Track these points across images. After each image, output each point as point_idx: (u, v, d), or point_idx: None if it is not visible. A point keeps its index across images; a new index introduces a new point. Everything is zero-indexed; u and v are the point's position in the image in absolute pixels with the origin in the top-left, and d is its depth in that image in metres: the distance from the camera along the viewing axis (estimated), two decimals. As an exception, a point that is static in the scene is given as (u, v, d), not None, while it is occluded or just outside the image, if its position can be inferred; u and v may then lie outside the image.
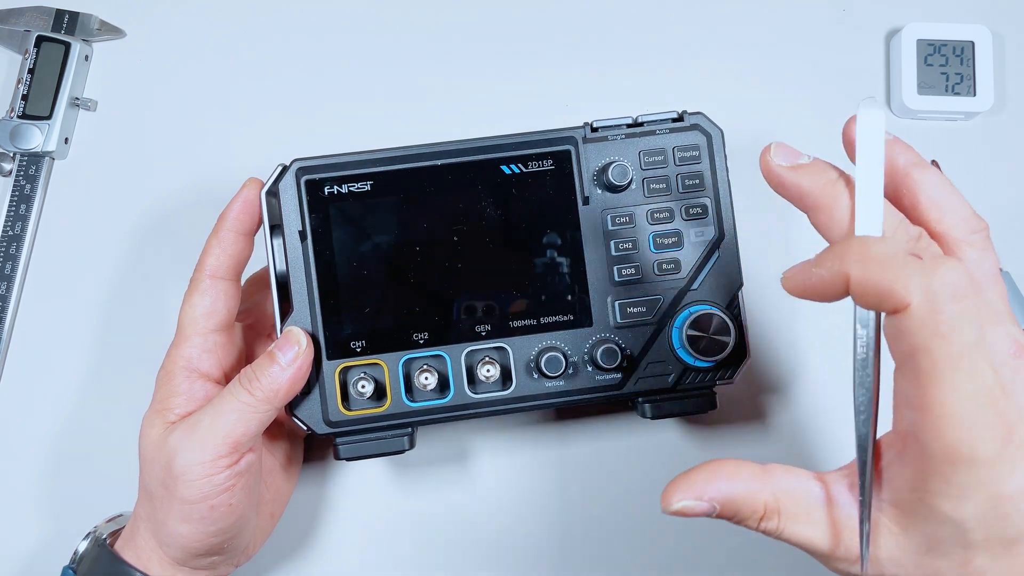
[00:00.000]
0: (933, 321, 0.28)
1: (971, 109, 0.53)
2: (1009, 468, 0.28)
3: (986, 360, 0.28)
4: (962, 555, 0.30)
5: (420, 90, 0.55)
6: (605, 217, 0.43)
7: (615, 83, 0.55)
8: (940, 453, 0.28)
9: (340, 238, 0.42)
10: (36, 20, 0.54)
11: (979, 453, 0.28)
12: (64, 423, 0.52)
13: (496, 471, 0.51)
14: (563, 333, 0.43)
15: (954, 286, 0.28)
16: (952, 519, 0.29)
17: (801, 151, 0.34)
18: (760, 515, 0.32)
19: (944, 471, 0.29)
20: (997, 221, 0.53)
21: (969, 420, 0.28)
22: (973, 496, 0.29)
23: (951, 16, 0.55)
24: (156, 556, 0.41)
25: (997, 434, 0.28)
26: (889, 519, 0.31)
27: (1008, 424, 0.28)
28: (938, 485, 0.29)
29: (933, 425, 0.28)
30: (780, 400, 0.51)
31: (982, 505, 0.29)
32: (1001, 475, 0.28)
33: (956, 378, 0.28)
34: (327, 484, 0.51)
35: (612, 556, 0.50)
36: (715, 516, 0.33)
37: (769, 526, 0.32)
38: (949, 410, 0.28)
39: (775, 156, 0.34)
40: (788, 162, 0.33)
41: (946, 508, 0.29)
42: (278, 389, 0.39)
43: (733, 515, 0.33)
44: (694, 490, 0.33)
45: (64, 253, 0.53)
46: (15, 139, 0.53)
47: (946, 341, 0.28)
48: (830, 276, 0.30)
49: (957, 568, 0.30)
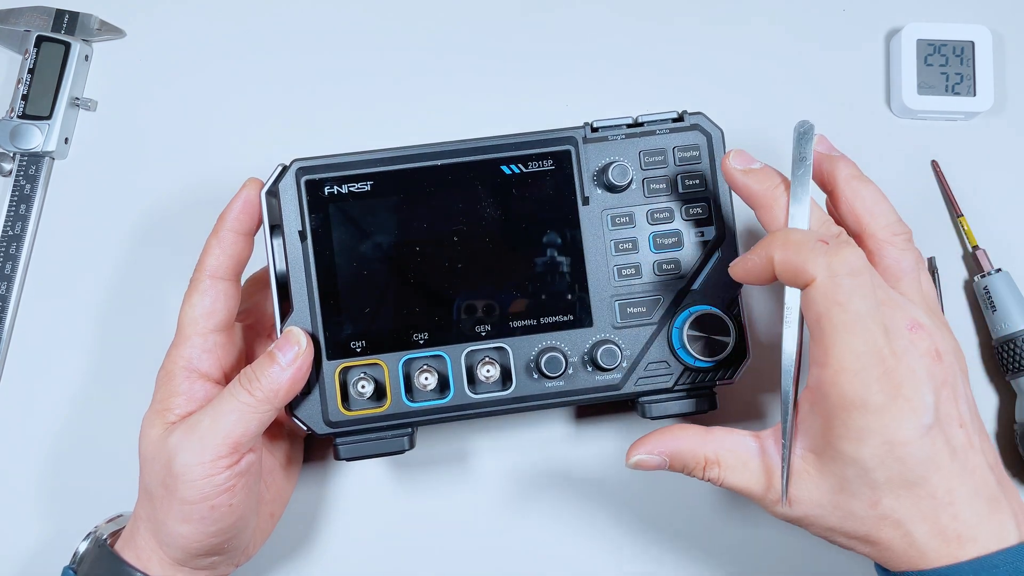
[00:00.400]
0: (832, 292, 0.34)
1: (971, 109, 0.53)
2: (898, 417, 0.34)
3: (878, 326, 0.34)
4: (870, 495, 0.35)
5: (420, 90, 0.55)
6: (605, 217, 0.43)
7: (615, 83, 0.55)
8: (838, 401, 0.34)
9: (340, 238, 0.42)
10: (36, 20, 0.54)
11: (869, 401, 0.34)
12: (64, 423, 0.52)
13: (496, 471, 0.51)
14: (563, 333, 0.43)
15: (851, 265, 0.34)
16: (854, 459, 0.35)
17: (755, 158, 0.40)
18: (703, 466, 0.39)
19: (842, 416, 0.34)
20: (997, 221, 0.53)
21: (859, 373, 0.34)
22: (869, 439, 0.34)
23: (951, 16, 0.55)
24: (156, 556, 0.41)
25: (885, 387, 0.34)
26: (807, 464, 0.37)
27: (896, 382, 0.34)
28: (839, 429, 0.35)
29: (831, 378, 0.34)
30: (780, 400, 0.51)
31: (878, 448, 0.34)
32: (892, 423, 0.34)
33: (849, 339, 0.34)
34: (327, 484, 0.51)
35: (612, 556, 0.50)
36: (667, 468, 0.40)
37: (712, 474, 0.39)
38: (843, 365, 0.34)
39: (733, 160, 0.40)
40: (742, 166, 0.40)
41: (848, 450, 0.35)
42: (278, 389, 0.39)
43: (682, 467, 0.39)
44: (647, 447, 0.40)
45: (64, 253, 0.53)
46: (15, 139, 0.53)
47: (842, 308, 0.34)
48: (760, 260, 0.37)
49: (867, 507, 0.36)
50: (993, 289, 0.50)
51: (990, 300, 0.50)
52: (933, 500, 0.35)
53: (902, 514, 0.35)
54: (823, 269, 0.34)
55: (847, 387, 0.34)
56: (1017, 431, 0.50)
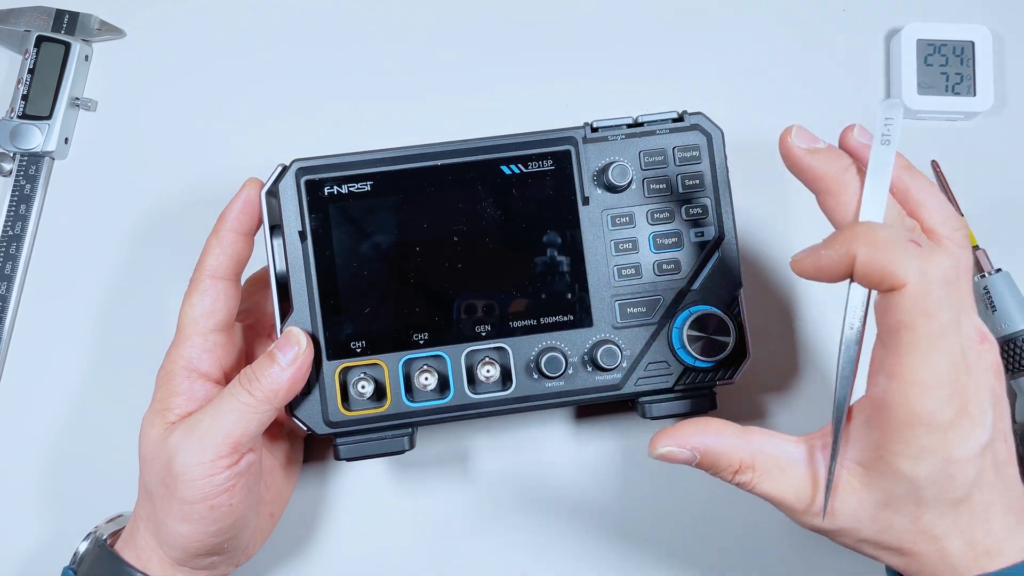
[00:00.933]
0: (923, 301, 0.31)
1: (971, 109, 0.53)
2: (961, 436, 0.32)
3: (958, 341, 0.32)
4: (914, 511, 0.34)
5: (420, 90, 0.55)
6: (605, 217, 0.43)
7: (615, 83, 0.55)
8: (905, 417, 0.32)
9: (340, 238, 0.42)
10: (36, 20, 0.54)
11: (938, 419, 0.32)
12: (64, 423, 0.52)
13: (496, 471, 0.51)
14: (563, 333, 0.43)
15: (945, 273, 0.31)
16: (908, 477, 0.33)
17: (819, 137, 0.36)
18: (735, 469, 0.36)
19: (906, 433, 0.32)
20: (997, 221, 0.53)
21: (935, 390, 0.32)
22: (928, 458, 0.33)
23: (951, 16, 0.55)
24: (156, 556, 0.41)
25: (955, 405, 0.32)
26: (853, 476, 0.35)
27: (964, 398, 0.32)
28: (899, 446, 0.33)
29: (904, 391, 0.32)
30: (780, 400, 0.52)
31: (935, 467, 0.33)
32: (953, 441, 0.32)
33: (932, 353, 0.32)
34: (327, 484, 0.51)
35: (612, 555, 0.50)
36: (694, 465, 0.37)
37: (743, 479, 0.36)
38: (920, 379, 0.32)
39: (795, 138, 0.36)
40: (806, 145, 0.36)
41: (904, 467, 0.33)
42: (278, 389, 0.39)
43: (711, 466, 0.36)
44: (678, 439, 0.36)
45: (64, 253, 0.53)
46: (15, 139, 0.53)
47: (930, 320, 0.31)
48: (838, 256, 0.33)
49: (909, 523, 0.34)
50: (993, 289, 0.50)
51: (990, 300, 0.50)
52: (971, 516, 0.34)
53: (941, 529, 0.34)
54: (916, 274, 0.31)
55: (917, 403, 0.32)
56: (1017, 431, 0.50)
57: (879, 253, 0.32)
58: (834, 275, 0.33)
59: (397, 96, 0.55)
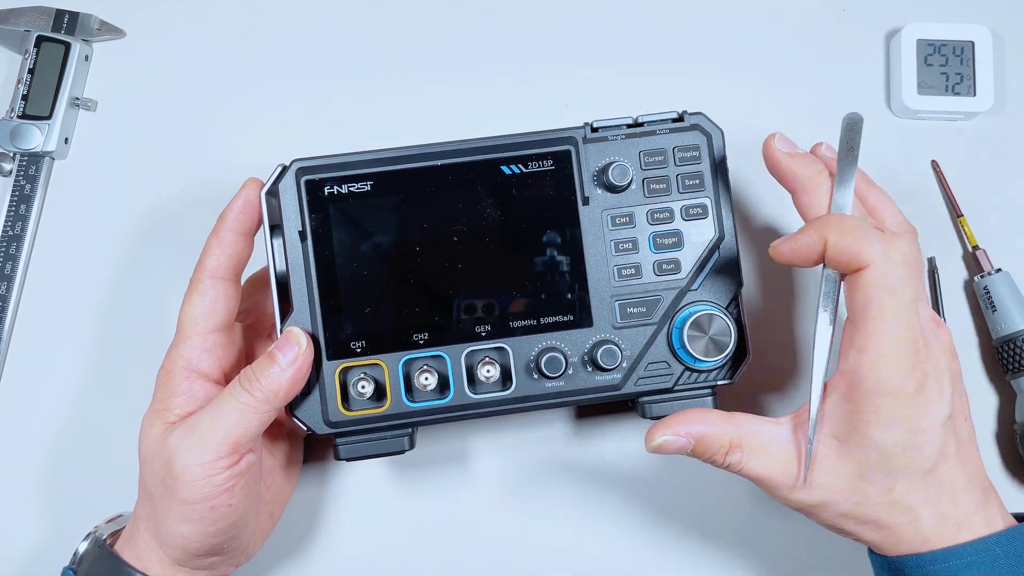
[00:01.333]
0: (886, 278, 0.35)
1: (971, 109, 0.53)
2: (924, 406, 0.36)
3: (917, 320, 0.36)
4: (886, 481, 0.37)
5: (420, 90, 0.55)
6: (605, 217, 0.43)
7: (615, 83, 0.55)
8: (873, 386, 0.36)
9: (340, 238, 0.42)
10: (36, 20, 0.54)
11: (903, 389, 0.36)
12: (64, 423, 0.52)
13: (496, 471, 0.51)
14: (563, 333, 0.43)
15: (905, 255, 0.36)
16: (879, 445, 0.36)
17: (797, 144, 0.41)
18: (725, 450, 0.39)
19: (875, 402, 0.36)
20: (997, 221, 0.53)
21: (899, 361, 0.36)
22: (895, 426, 0.36)
23: (951, 16, 0.55)
24: (156, 556, 0.41)
25: (916, 376, 0.36)
26: (829, 449, 0.38)
27: (925, 371, 0.36)
28: (870, 415, 0.36)
29: (872, 363, 0.36)
30: (780, 400, 0.52)
31: (902, 434, 0.36)
32: (918, 410, 0.36)
33: (895, 326, 0.36)
34: (327, 484, 0.51)
35: (612, 555, 0.50)
36: (689, 453, 0.39)
37: (733, 459, 0.39)
38: (886, 351, 0.36)
39: (778, 143, 0.41)
40: (787, 149, 0.41)
41: (874, 435, 0.36)
42: (278, 389, 0.39)
43: (704, 451, 0.39)
44: (672, 428, 0.39)
45: (64, 253, 0.53)
46: (15, 139, 0.53)
47: (893, 295, 0.35)
48: (812, 241, 0.37)
49: (883, 493, 0.37)
50: (993, 289, 0.50)
51: (990, 300, 0.50)
52: (940, 488, 0.37)
53: (913, 500, 0.37)
54: (879, 255, 0.35)
55: (885, 373, 0.36)
56: (1017, 431, 0.50)
57: (848, 237, 0.36)
58: (808, 258, 0.38)
59: (397, 96, 0.55)
